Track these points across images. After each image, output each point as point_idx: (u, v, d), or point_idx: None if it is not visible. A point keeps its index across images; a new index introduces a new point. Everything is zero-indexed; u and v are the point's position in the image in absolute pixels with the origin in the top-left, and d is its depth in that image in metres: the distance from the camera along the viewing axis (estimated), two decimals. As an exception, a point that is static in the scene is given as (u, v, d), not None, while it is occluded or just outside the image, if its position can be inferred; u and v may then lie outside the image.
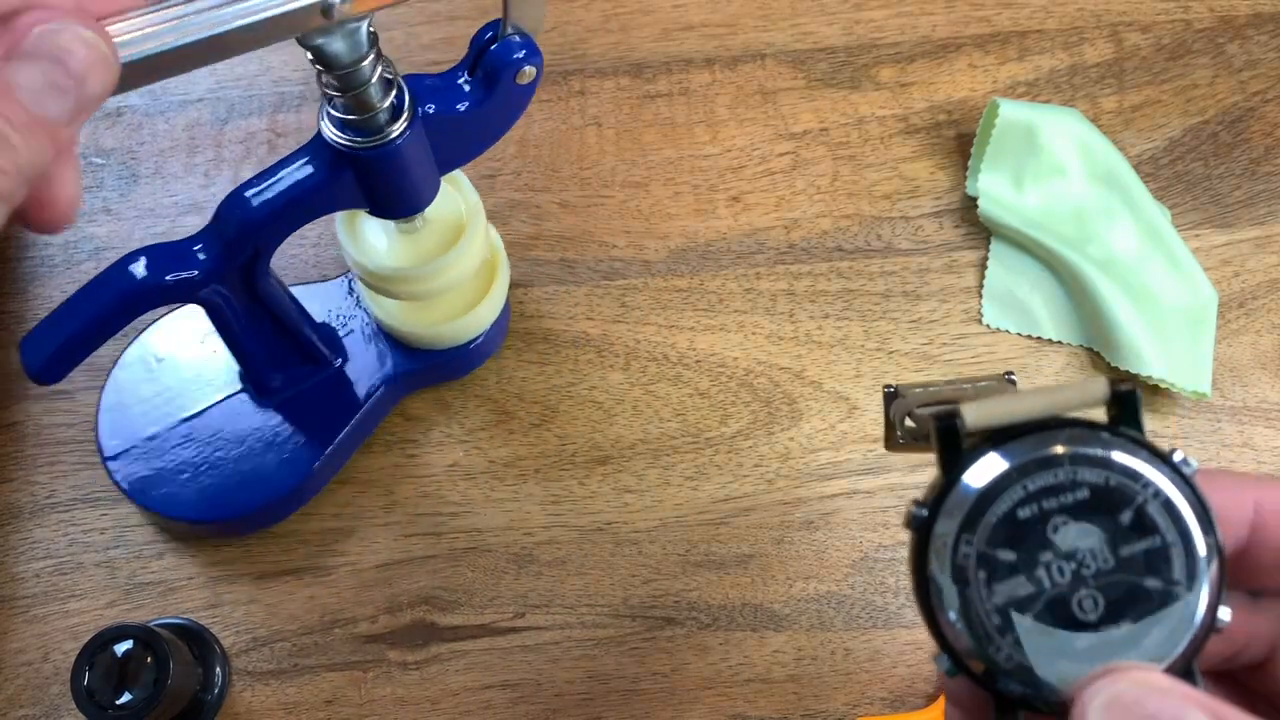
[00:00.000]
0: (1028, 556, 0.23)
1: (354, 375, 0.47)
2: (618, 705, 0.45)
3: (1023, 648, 0.23)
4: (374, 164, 0.37)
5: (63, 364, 0.38)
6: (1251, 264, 0.51)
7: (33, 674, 0.46)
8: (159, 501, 0.45)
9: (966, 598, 0.23)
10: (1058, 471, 0.23)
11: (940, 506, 0.23)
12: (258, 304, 0.42)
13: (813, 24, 0.55)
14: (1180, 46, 0.54)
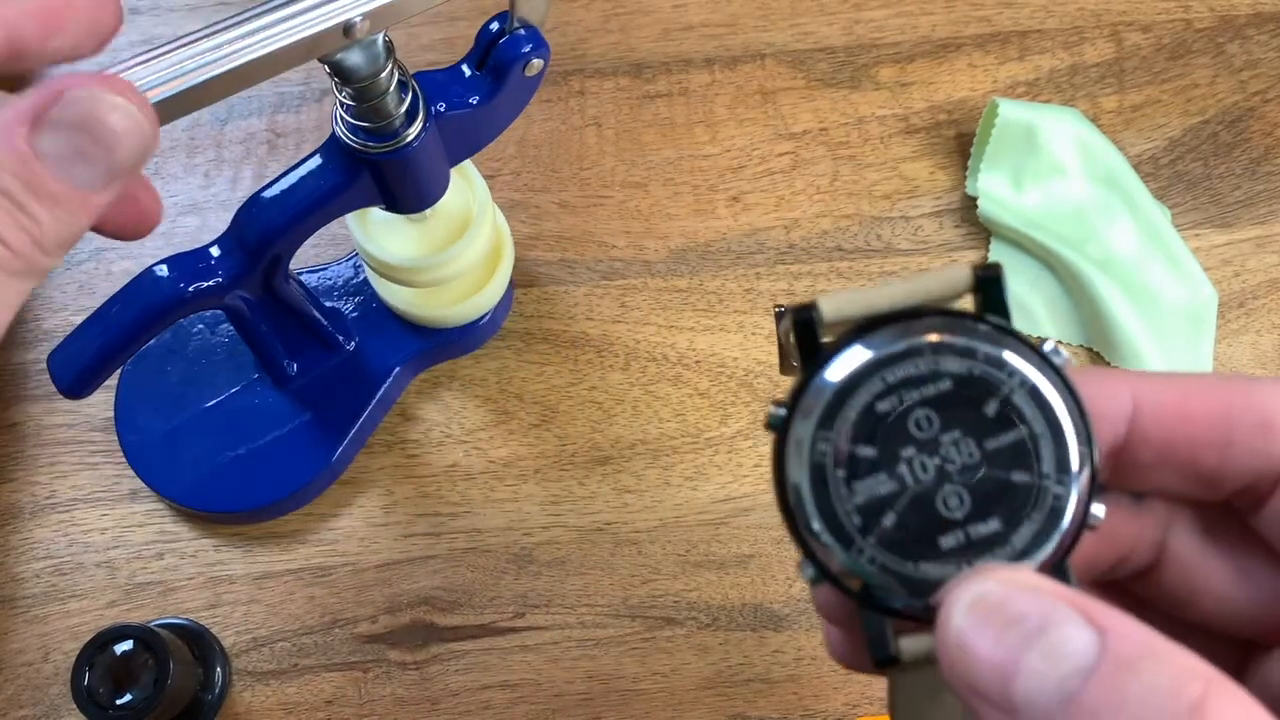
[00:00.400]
0: (889, 452, 0.21)
1: (367, 357, 0.47)
2: (617, 705, 0.45)
3: (885, 549, 0.21)
4: (391, 166, 0.37)
5: (92, 379, 0.39)
6: (1252, 264, 0.51)
7: (33, 674, 0.46)
8: (182, 493, 0.46)
9: (826, 498, 0.21)
10: (918, 362, 0.21)
11: (798, 404, 0.22)
12: (276, 303, 0.42)
13: (812, 24, 0.55)
14: (1180, 46, 0.54)
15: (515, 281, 0.51)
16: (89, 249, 0.52)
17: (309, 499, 0.47)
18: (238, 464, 0.46)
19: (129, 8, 0.56)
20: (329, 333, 0.46)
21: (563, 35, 0.55)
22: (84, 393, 0.39)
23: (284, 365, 0.46)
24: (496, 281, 0.47)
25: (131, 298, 0.38)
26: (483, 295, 0.47)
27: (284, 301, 0.43)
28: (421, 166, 0.38)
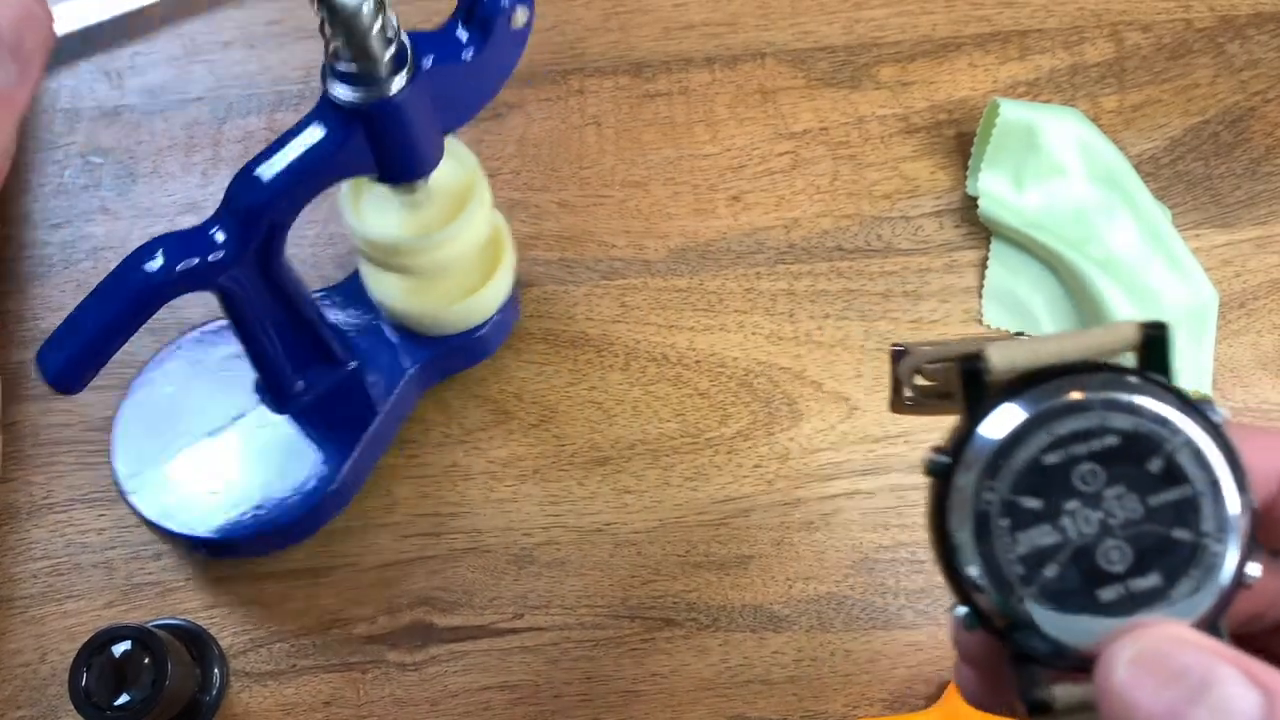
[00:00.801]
0: (1053, 505, 0.22)
1: (369, 373, 0.46)
2: (617, 706, 0.45)
3: (1046, 599, 0.22)
4: (380, 120, 0.36)
5: (81, 370, 0.37)
6: (1252, 264, 0.51)
7: (30, 675, 0.45)
8: (185, 527, 0.44)
9: (988, 547, 0.22)
10: (1086, 417, 0.22)
11: (962, 452, 0.22)
12: (275, 291, 0.41)
13: (813, 23, 0.55)
14: (1181, 46, 0.54)
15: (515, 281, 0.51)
16: (87, 248, 0.52)
17: (319, 524, 0.46)
18: (237, 493, 0.44)
19: (127, 6, 0.56)
20: (329, 342, 0.45)
21: (562, 34, 0.55)
22: (74, 384, 0.37)
23: (288, 378, 0.44)
24: (498, 280, 0.46)
25: (120, 276, 0.37)
26: (483, 295, 0.46)
27: (282, 287, 0.41)
28: (412, 123, 0.36)
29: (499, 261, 0.46)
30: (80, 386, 0.37)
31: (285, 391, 0.44)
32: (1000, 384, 0.23)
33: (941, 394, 0.28)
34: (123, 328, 0.37)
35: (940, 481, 0.23)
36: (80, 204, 0.53)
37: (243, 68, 0.54)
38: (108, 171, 0.53)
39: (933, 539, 0.23)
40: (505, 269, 0.46)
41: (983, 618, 0.22)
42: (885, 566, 0.46)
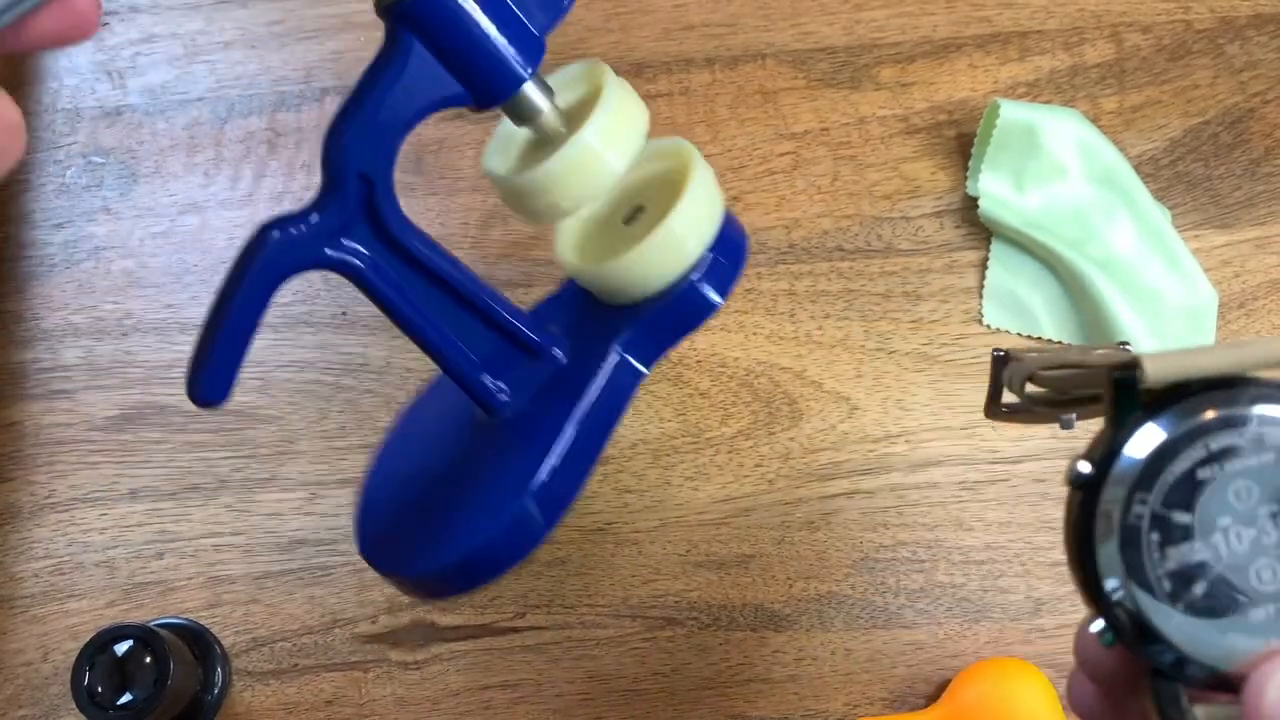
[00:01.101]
0: (1205, 521, 0.21)
1: (581, 361, 0.38)
2: (618, 705, 0.45)
3: (1194, 617, 0.21)
4: (429, 19, 0.32)
5: (218, 380, 0.34)
6: (1252, 265, 0.51)
7: (32, 674, 0.45)
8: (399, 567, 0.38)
9: (1136, 562, 0.21)
10: (1243, 431, 0.22)
11: (1111, 464, 0.22)
12: (415, 267, 0.35)
13: (813, 24, 0.55)
14: (1181, 47, 0.54)
15: (515, 282, 0.51)
16: (89, 248, 0.52)
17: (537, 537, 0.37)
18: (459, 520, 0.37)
19: (129, 5, 0.56)
20: (516, 326, 0.37)
21: (563, 34, 0.55)
22: (218, 397, 0.34)
23: (483, 382, 0.37)
24: (675, 217, 0.36)
25: (231, 272, 0.34)
26: (667, 230, 0.36)
27: (429, 270, 0.36)
28: (465, 15, 0.32)
29: (678, 195, 0.37)
30: (225, 396, 0.34)
31: (489, 399, 0.38)
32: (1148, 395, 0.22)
33: (1052, 401, 0.27)
34: (243, 321, 0.34)
35: (1084, 493, 0.22)
36: (82, 204, 0.53)
37: (244, 68, 0.54)
38: (109, 171, 0.53)
39: (1072, 552, 0.22)
40: (688, 203, 0.37)
41: (1122, 634, 0.22)
42: (885, 566, 0.47)
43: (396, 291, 0.35)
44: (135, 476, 0.48)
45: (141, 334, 0.50)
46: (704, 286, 0.37)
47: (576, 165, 0.34)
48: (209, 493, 0.48)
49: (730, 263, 0.38)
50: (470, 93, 0.33)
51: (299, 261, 0.34)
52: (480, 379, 0.37)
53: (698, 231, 0.36)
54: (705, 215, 0.37)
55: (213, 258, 0.51)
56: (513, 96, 0.34)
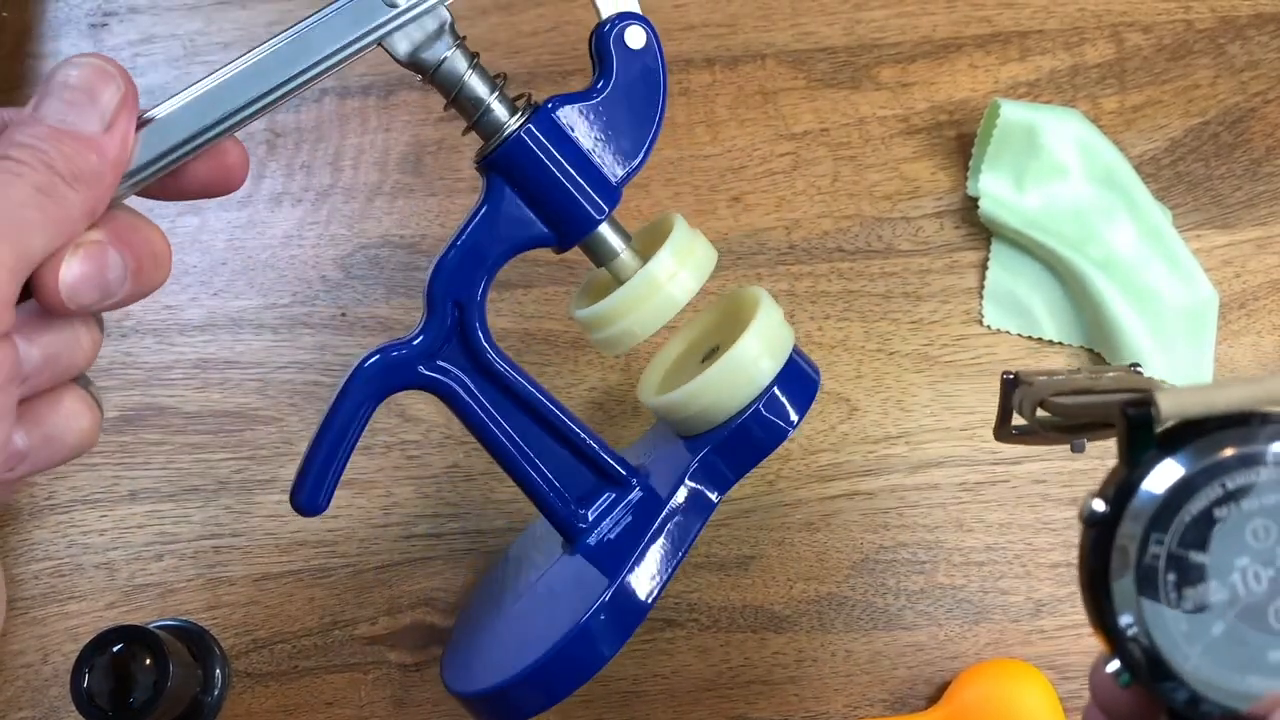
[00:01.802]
0: (1222, 560, 0.21)
1: (656, 489, 0.40)
2: (619, 706, 0.45)
3: (1211, 658, 0.21)
4: (515, 167, 0.36)
5: (319, 490, 0.37)
6: (1252, 265, 0.51)
7: (32, 676, 0.45)
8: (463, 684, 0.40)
9: (1152, 601, 0.21)
10: (1260, 470, 0.21)
11: (1127, 502, 0.21)
12: (504, 392, 0.38)
13: (813, 24, 0.55)
14: (1181, 47, 0.54)
15: (514, 283, 0.51)
16: (88, 249, 0.52)
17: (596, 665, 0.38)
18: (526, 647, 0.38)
19: (128, 6, 0.56)
20: (599, 455, 0.39)
21: (563, 35, 0.55)
22: (319, 506, 0.36)
23: (563, 507, 0.39)
24: (737, 351, 0.38)
25: (337, 393, 0.37)
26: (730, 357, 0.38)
27: (517, 396, 0.38)
28: (548, 165, 0.36)
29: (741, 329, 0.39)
30: (326, 505, 0.37)
31: (569, 525, 0.39)
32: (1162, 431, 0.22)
33: (1062, 426, 0.27)
34: (341, 434, 0.37)
35: (1099, 531, 0.22)
36: (81, 205, 0.52)
37: (243, 69, 0.54)
38: (109, 172, 0.53)
39: (1086, 590, 0.22)
40: (752, 335, 0.39)
41: (1137, 673, 0.21)
42: (886, 567, 0.46)
43: (486, 414, 0.38)
44: (135, 478, 0.48)
45: (141, 335, 0.50)
46: (771, 411, 0.39)
47: (642, 294, 0.37)
48: (209, 494, 0.48)
49: (798, 391, 0.39)
50: (553, 233, 0.37)
51: (397, 381, 0.37)
52: (561, 505, 0.39)
53: (760, 361, 0.38)
54: (770, 343, 0.39)
55: (212, 259, 0.51)
56: (590, 238, 0.37)
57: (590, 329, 0.39)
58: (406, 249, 0.51)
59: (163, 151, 0.31)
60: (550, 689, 0.38)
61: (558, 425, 0.39)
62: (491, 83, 0.35)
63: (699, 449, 0.39)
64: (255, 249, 0.52)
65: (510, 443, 0.38)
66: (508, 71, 0.37)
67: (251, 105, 0.31)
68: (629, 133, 0.37)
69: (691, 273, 0.38)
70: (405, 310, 0.50)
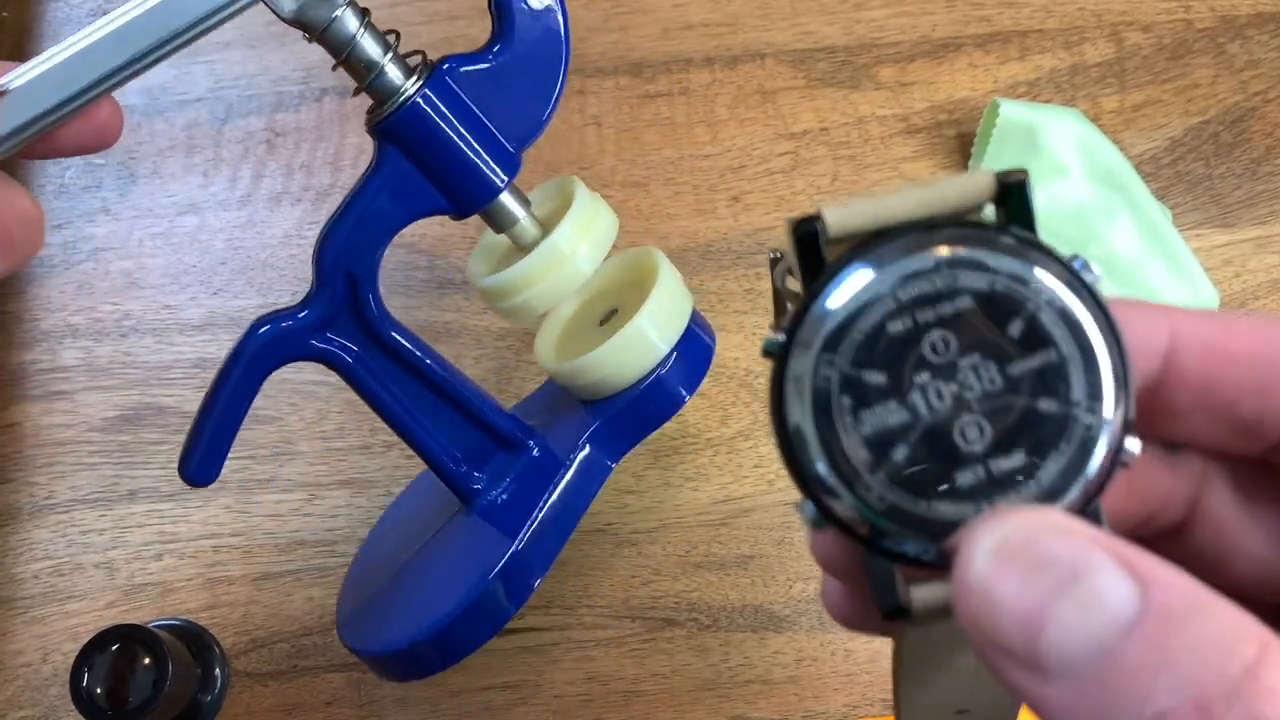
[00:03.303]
0: (900, 378, 0.19)
1: (552, 453, 0.40)
2: (618, 706, 0.45)
3: (895, 486, 0.19)
4: (411, 133, 0.34)
5: (210, 461, 0.36)
6: (1253, 264, 0.51)
7: (32, 675, 0.45)
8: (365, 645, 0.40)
9: (829, 430, 0.19)
10: (934, 278, 0.19)
11: (799, 328, 0.19)
12: (400, 363, 0.38)
13: (813, 23, 0.55)
14: (1181, 46, 0.54)
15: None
16: (88, 249, 0.52)
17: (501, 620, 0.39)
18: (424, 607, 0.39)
19: (127, 6, 0.56)
20: (494, 419, 0.39)
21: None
22: (209, 477, 0.37)
23: (461, 471, 0.39)
24: (639, 320, 0.38)
25: (224, 363, 0.36)
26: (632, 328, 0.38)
27: (413, 366, 0.38)
28: (445, 132, 0.34)
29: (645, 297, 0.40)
30: (214, 476, 0.37)
31: (464, 489, 0.40)
32: (841, 250, 0.20)
33: None
34: (232, 408, 0.36)
35: (777, 361, 0.20)
36: (81, 205, 0.53)
37: (243, 68, 0.54)
38: (108, 172, 0.53)
39: (772, 427, 0.20)
40: (653, 303, 0.39)
41: (829, 512, 0.19)
42: (885, 566, 0.46)
43: (379, 384, 0.38)
44: (134, 477, 0.48)
45: (140, 335, 0.50)
46: (668, 383, 0.40)
47: (546, 266, 0.37)
48: (208, 494, 0.48)
49: (696, 361, 0.40)
50: (450, 202, 0.36)
51: (286, 353, 0.36)
52: (457, 469, 0.39)
53: (662, 330, 0.39)
54: (670, 315, 0.39)
55: (211, 258, 0.51)
56: (490, 206, 0.36)
57: (490, 299, 0.39)
58: (405, 248, 0.51)
59: (22, 123, 0.29)
60: (453, 648, 0.38)
61: (455, 394, 0.39)
62: (385, 43, 0.34)
63: (597, 415, 0.39)
64: (254, 248, 0.52)
65: (404, 410, 0.38)
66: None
67: (121, 70, 0.29)
68: (529, 98, 0.36)
69: (593, 246, 0.38)
70: (404, 309, 0.50)
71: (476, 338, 0.50)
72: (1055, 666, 0.16)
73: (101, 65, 0.29)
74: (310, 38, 0.33)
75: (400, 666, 0.39)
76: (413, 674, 0.40)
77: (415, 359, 0.38)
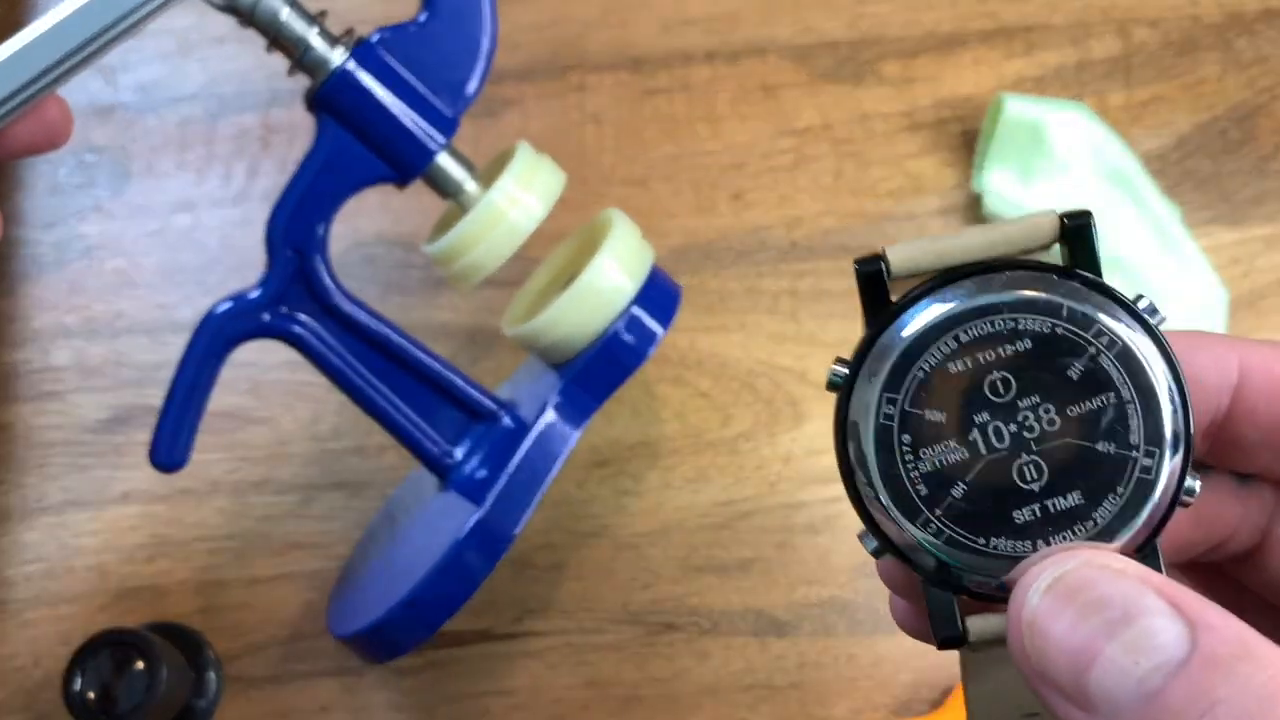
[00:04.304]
0: (960, 417, 0.20)
1: (522, 420, 0.40)
2: (617, 712, 0.44)
3: (954, 522, 0.20)
4: (344, 102, 0.35)
5: (175, 443, 0.37)
6: (1261, 262, 0.50)
7: (23, 679, 0.45)
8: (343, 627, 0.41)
9: (890, 465, 0.20)
10: (995, 319, 0.20)
11: (862, 363, 0.21)
12: (359, 335, 0.38)
13: (815, 18, 0.54)
14: (1189, 42, 0.54)
15: (513, 281, 0.50)
16: (80, 248, 0.51)
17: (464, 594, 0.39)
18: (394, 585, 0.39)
19: (121, 2, 0.55)
20: (462, 389, 0.39)
21: (561, 29, 0.54)
22: (177, 460, 0.37)
23: (430, 445, 0.39)
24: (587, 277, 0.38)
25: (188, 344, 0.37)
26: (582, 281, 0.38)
27: (371, 338, 0.38)
28: (377, 97, 0.35)
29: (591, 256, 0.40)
30: (184, 458, 0.37)
31: (436, 462, 0.39)
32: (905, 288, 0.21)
33: None
34: (195, 390, 0.37)
35: (841, 396, 0.21)
36: (74, 203, 0.52)
37: (236, 64, 0.54)
38: (101, 170, 0.53)
39: (837, 458, 0.21)
40: (603, 256, 0.39)
41: (890, 544, 0.20)
42: (889, 570, 0.46)
43: (339, 357, 0.38)
44: (127, 479, 0.48)
45: (133, 334, 0.50)
46: (628, 332, 0.39)
47: (485, 224, 0.37)
48: (201, 496, 0.47)
49: (658, 309, 0.39)
50: (392, 169, 0.37)
51: (241, 331, 0.37)
52: (429, 444, 0.39)
53: (614, 280, 0.38)
54: (625, 265, 0.39)
55: (206, 256, 0.51)
56: (430, 170, 0.37)
57: (440, 264, 0.39)
58: (401, 246, 0.51)
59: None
60: (423, 619, 0.38)
61: (415, 364, 0.38)
62: (311, 20, 0.35)
63: (564, 376, 0.39)
64: (249, 247, 0.51)
65: (369, 386, 0.38)
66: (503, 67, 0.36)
67: (60, 66, 0.30)
68: (458, 61, 0.37)
69: (537, 198, 0.38)
70: (401, 309, 0.50)
71: (472, 337, 0.50)
72: (1101, 705, 0.17)
73: (36, 64, 0.30)
74: (241, 22, 0.35)
75: (378, 643, 0.39)
76: (392, 650, 0.40)
77: (374, 329, 0.38)
